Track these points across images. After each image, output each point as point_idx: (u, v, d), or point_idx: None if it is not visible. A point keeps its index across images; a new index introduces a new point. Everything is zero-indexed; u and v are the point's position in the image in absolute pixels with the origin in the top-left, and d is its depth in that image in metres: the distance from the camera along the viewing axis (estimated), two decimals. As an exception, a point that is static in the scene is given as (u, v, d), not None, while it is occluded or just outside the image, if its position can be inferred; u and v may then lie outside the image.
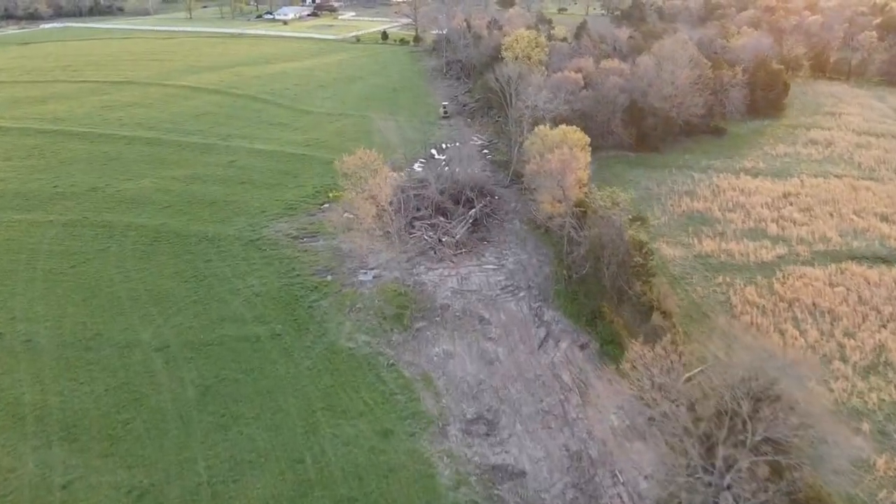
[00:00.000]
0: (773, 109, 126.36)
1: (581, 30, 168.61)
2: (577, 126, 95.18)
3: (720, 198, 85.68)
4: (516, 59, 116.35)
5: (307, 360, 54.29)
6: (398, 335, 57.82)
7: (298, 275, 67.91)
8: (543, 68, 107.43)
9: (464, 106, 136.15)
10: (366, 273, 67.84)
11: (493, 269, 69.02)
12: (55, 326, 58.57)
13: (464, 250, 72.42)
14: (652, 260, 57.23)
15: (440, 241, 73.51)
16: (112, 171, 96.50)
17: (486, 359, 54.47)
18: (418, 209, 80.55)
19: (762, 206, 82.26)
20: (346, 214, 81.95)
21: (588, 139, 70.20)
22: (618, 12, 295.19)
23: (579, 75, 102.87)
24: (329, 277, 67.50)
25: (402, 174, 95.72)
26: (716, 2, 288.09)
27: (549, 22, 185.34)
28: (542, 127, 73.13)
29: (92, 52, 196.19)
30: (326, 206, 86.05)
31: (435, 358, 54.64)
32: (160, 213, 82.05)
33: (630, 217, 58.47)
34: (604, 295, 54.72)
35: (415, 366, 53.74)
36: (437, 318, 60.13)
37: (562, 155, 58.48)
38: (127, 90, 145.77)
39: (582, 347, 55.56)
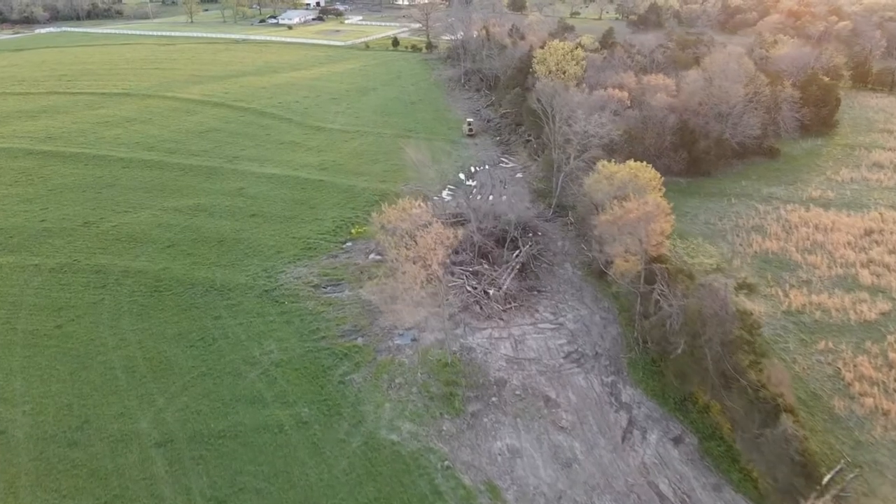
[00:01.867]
0: (824, 127, 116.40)
1: (608, 37, 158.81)
2: (625, 151, 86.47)
3: (794, 235, 75.70)
4: (549, 73, 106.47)
5: (343, 459, 44.25)
6: (450, 422, 47.81)
7: (324, 336, 57.85)
8: (583, 85, 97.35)
9: (488, 122, 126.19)
10: (402, 335, 57.79)
11: (551, 329, 58.99)
12: (35, 411, 48.55)
13: (514, 304, 62.35)
14: (760, 335, 47.21)
15: (486, 293, 63.40)
16: (107, 200, 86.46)
17: (562, 458, 44.46)
18: (456, 251, 70.40)
19: (845, 247, 72.32)
20: (372, 256, 72.29)
21: (660, 177, 60.20)
22: (633, 17, 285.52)
23: (624, 93, 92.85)
24: (360, 341, 57.45)
25: (431, 204, 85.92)
26: (735, 6, 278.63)
27: (572, 29, 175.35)
28: (606, 163, 63.08)
29: (89, 59, 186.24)
30: (349, 244, 76.07)
31: (499, 457, 44.64)
32: (161, 255, 71.98)
33: (736, 283, 48.46)
34: (703, 378, 44.71)
35: (475, 469, 43.71)
36: (494, 399, 50.13)
37: (644, 206, 48.44)
38: (125, 103, 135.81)
39: (676, 442, 45.59)
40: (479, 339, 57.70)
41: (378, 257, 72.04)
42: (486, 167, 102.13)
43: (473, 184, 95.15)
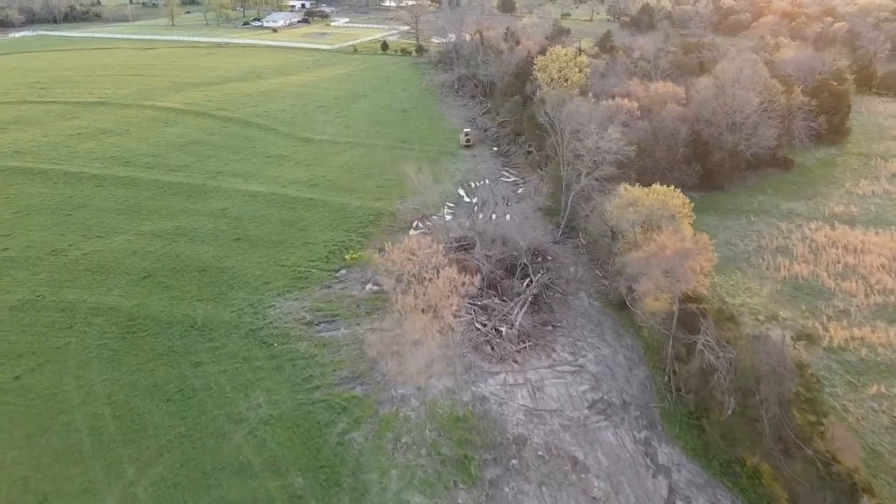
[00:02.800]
0: (835, 135, 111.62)
1: (606, 41, 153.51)
2: (635, 165, 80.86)
3: (823, 258, 70.45)
4: (551, 81, 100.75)
5: (344, 545, 37.96)
6: (465, 493, 41.74)
7: (319, 386, 51.53)
8: (590, 95, 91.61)
9: (485, 131, 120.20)
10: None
11: (572, 373, 53.08)
12: (-16, 488, 41.78)
13: (528, 343, 56.32)
14: (819, 391, 41.56)
15: (497, 331, 57.34)
16: (78, 224, 79.47)
17: (598, 539, 38.45)
18: (462, 282, 64.23)
19: (881, 271, 67.20)
20: (369, 286, 66.01)
21: (689, 203, 54.54)
22: (626, 18, 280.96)
23: (634, 104, 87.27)
24: (359, 390, 51.19)
25: (430, 224, 79.95)
26: (727, 7, 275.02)
27: (568, 32, 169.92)
28: (628, 187, 57.23)
29: (64, 65, 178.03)
30: (343, 272, 69.70)
31: (525, 539, 38.55)
32: (136, 288, 65.21)
33: (793, 334, 42.80)
34: (757, 443, 38.96)
35: (499, 554, 37.60)
36: (515, 462, 44.12)
37: (681, 242, 42.63)
38: (101, 113, 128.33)
39: (726, 516, 39.73)
40: (492, 387, 51.63)
41: (375, 287, 65.88)
42: (487, 182, 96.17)
43: (474, 200, 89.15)
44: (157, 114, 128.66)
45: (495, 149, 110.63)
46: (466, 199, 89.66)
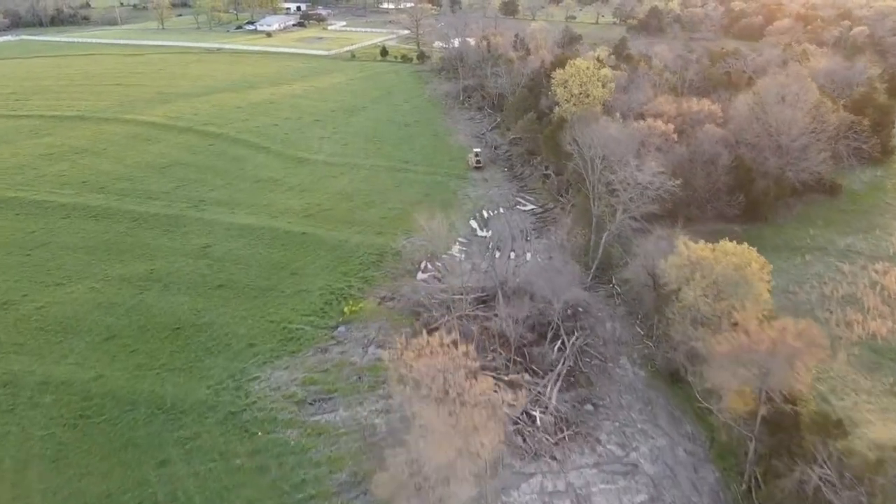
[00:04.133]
0: (881, 154, 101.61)
1: (622, 49, 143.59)
2: (673, 196, 70.86)
3: (902, 311, 60.29)
4: (572, 97, 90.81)
5: None
6: None
7: (313, 496, 41.44)
8: (617, 115, 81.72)
9: (496, 149, 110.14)
10: (421, 491, 41.15)
11: (623, 474, 43.13)
12: None
13: (567, 432, 46.22)
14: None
15: (529, 416, 47.24)
16: (37, 267, 69.31)
17: None
18: (484, 346, 54.34)
19: (972, 329, 57.05)
20: (372, 349, 56.01)
21: (767, 263, 44.62)
22: (633, 21, 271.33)
23: (670, 126, 77.35)
24: (361, 502, 40.96)
25: (441, 265, 69.94)
26: (739, 10, 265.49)
27: (580, 39, 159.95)
28: (687, 242, 47.24)
29: (44, 74, 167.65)
30: (341, 328, 59.60)
31: None
32: (96, 353, 55.08)
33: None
34: None
35: None
36: None
37: (782, 335, 32.67)
38: (77, 129, 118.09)
39: None
40: (527, 496, 41.54)
41: (379, 351, 55.82)
42: (501, 210, 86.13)
43: (488, 235, 79.08)
44: (138, 129, 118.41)
45: (508, 171, 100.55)
46: (480, 233, 79.60)
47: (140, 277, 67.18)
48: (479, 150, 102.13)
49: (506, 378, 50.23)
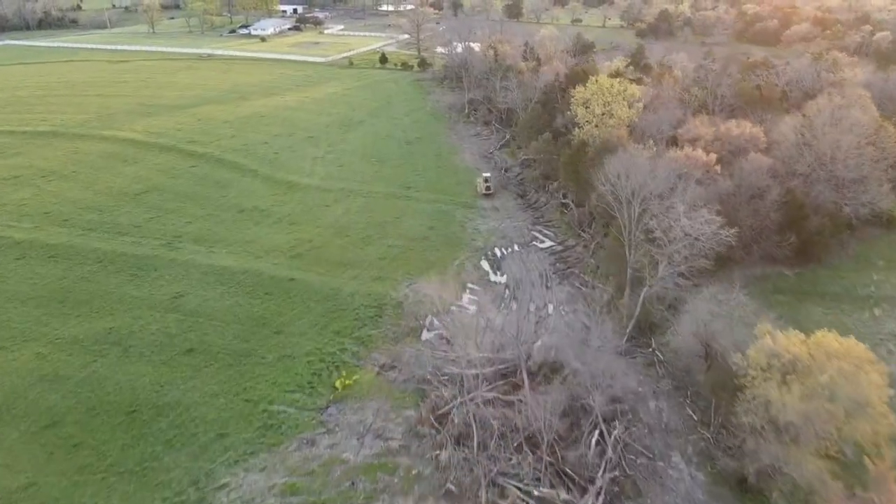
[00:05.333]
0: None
1: (639, 58, 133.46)
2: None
3: None
4: (594, 117, 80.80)
5: None
6: None
7: None
8: (650, 141, 71.73)
9: (505, 171, 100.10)
10: None
11: None
12: None
13: (616, 572, 36.09)
14: None
15: (568, 551, 37.16)
16: (-23, 324, 59.04)
17: None
18: (501, 440, 44.27)
19: None
20: (369, 439, 45.99)
21: (881, 365, 34.56)
22: (641, 24, 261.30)
23: (712, 156, 67.35)
24: None
25: (449, 321, 59.88)
26: (753, 13, 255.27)
27: (593, 46, 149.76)
28: (772, 331, 37.18)
29: (21, 83, 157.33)
30: (332, 410, 49.54)
31: None
32: (30, 449, 45.02)
33: None
34: None
35: None
36: None
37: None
38: (48, 147, 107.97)
39: None
40: None
41: (378, 442, 45.81)
42: (516, 248, 76.09)
43: (503, 280, 69.02)
44: (115, 148, 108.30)
45: (521, 198, 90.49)
46: (493, 278, 69.52)
47: (96, 338, 57.05)
48: (488, 174, 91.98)
49: (536, 492, 40.09)
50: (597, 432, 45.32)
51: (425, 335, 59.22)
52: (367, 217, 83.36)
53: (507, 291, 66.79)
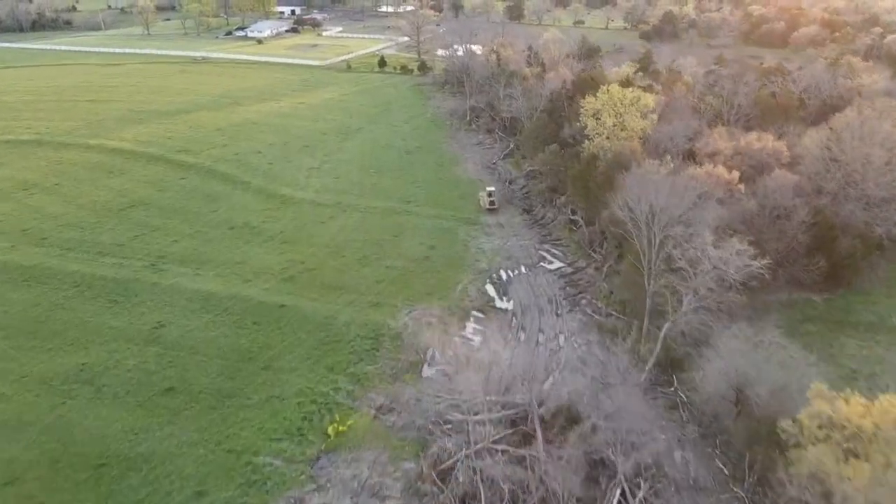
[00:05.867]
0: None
1: (647, 62, 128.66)
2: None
3: None
4: (605, 129, 76.08)
5: None
6: None
7: None
8: (667, 157, 66.97)
9: (510, 184, 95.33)
10: None
11: None
12: None
13: None
14: None
15: None
16: (-62, 360, 54.23)
17: None
18: (511, 503, 39.47)
19: None
20: (363, 497, 41.16)
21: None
22: (645, 26, 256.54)
23: (734, 174, 62.60)
24: None
25: (452, 354, 55.20)
26: (759, 15, 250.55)
27: (598, 51, 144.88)
28: (835, 400, 32.36)
29: (8, 88, 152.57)
30: (323, 461, 44.73)
31: None
32: (-15, 512, 40.11)
33: None
34: None
35: None
36: None
37: None
38: (31, 157, 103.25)
39: None
40: None
41: (375, 503, 41.00)
42: (523, 269, 71.30)
43: (509, 306, 64.22)
44: (101, 158, 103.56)
45: (526, 213, 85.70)
46: (499, 304, 64.72)
47: (67, 376, 52.27)
48: (492, 188, 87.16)
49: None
50: (618, 491, 40.52)
51: (426, 371, 54.48)
52: (364, 235, 78.56)
53: (514, 319, 62.02)
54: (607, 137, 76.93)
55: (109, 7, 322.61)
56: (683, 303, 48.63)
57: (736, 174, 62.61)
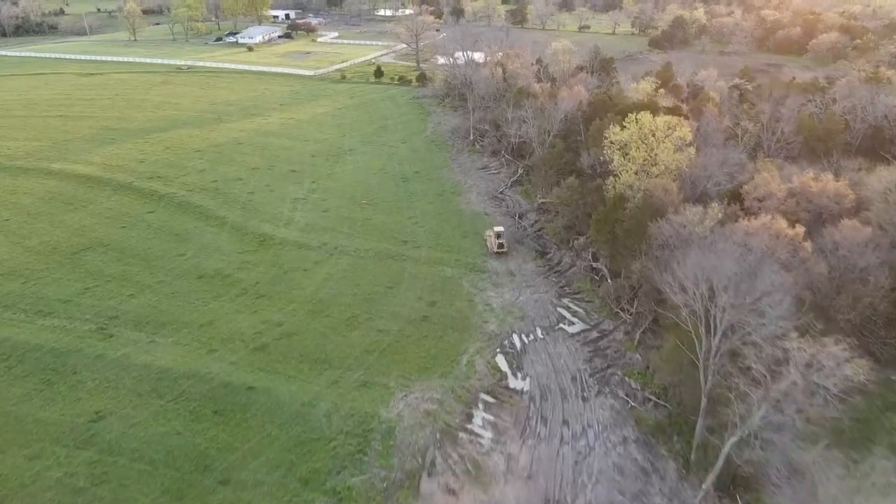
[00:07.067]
0: None
1: (668, 77, 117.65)
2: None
3: None
4: (633, 165, 65.14)
5: None
6: None
7: None
8: (714, 205, 56.03)
9: (520, 218, 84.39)
10: None
11: None
12: None
13: None
14: None
15: None
16: None
17: None
18: None
19: None
20: None
21: None
22: (654, 31, 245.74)
23: (799, 229, 51.60)
24: None
25: (458, 459, 44.34)
26: (774, 20, 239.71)
27: (612, 62, 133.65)
28: None
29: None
30: None
31: None
32: None
33: None
34: None
35: None
36: None
37: None
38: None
39: None
40: None
41: None
42: (539, 334, 60.30)
43: (525, 387, 53.32)
44: (62, 186, 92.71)
45: (540, 257, 74.69)
46: (513, 383, 53.72)
47: (-28, 497, 41.22)
48: (500, 229, 76.12)
49: None
50: None
51: (425, 485, 43.51)
52: (354, 287, 67.53)
53: (531, 406, 51.02)
54: (636, 173, 65.94)
55: (99, 10, 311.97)
56: (756, 414, 37.60)
57: (801, 229, 51.58)
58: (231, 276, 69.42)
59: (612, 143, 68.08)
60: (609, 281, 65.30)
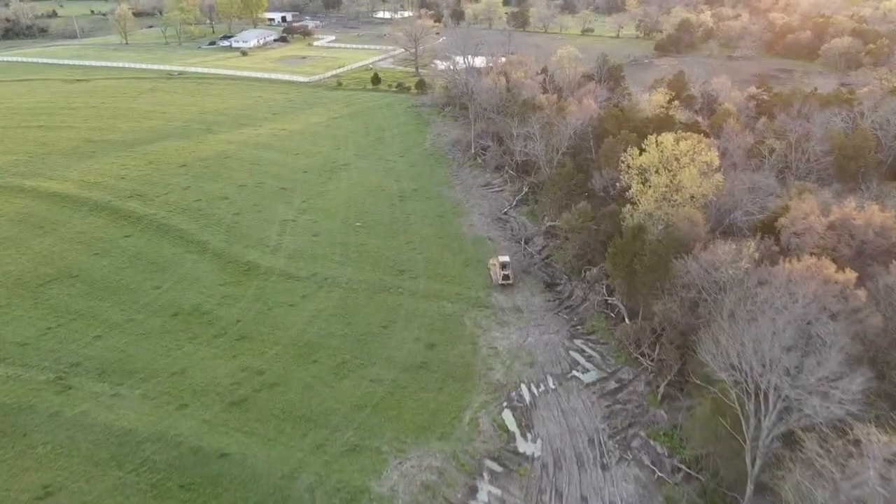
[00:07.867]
0: None
1: (682, 87, 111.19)
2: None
3: None
4: (654, 192, 58.75)
5: None
6: None
7: None
8: (750, 245, 49.63)
9: (526, 244, 77.98)
10: None
11: None
12: None
13: None
14: None
15: None
16: None
17: None
18: None
19: None
20: None
21: None
22: (659, 35, 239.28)
23: (850, 274, 45.12)
24: None
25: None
26: (783, 24, 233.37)
27: (621, 70, 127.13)
28: None
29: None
30: None
31: None
32: None
33: None
34: None
35: None
36: None
37: None
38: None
39: None
40: None
41: None
42: (551, 384, 53.89)
43: (536, 451, 46.93)
44: (33, 207, 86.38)
45: (549, 290, 68.24)
46: (522, 447, 47.26)
47: None
48: (506, 259, 69.67)
49: None
50: None
51: (422, 585, 36.94)
52: (344, 326, 61.13)
53: (544, 476, 44.61)
54: (656, 200, 59.54)
55: (92, 12, 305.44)
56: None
57: (852, 274, 45.13)
58: (210, 314, 62.99)
59: (629, 167, 61.58)
60: (627, 321, 58.92)
